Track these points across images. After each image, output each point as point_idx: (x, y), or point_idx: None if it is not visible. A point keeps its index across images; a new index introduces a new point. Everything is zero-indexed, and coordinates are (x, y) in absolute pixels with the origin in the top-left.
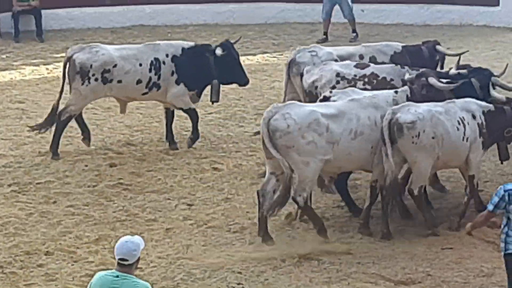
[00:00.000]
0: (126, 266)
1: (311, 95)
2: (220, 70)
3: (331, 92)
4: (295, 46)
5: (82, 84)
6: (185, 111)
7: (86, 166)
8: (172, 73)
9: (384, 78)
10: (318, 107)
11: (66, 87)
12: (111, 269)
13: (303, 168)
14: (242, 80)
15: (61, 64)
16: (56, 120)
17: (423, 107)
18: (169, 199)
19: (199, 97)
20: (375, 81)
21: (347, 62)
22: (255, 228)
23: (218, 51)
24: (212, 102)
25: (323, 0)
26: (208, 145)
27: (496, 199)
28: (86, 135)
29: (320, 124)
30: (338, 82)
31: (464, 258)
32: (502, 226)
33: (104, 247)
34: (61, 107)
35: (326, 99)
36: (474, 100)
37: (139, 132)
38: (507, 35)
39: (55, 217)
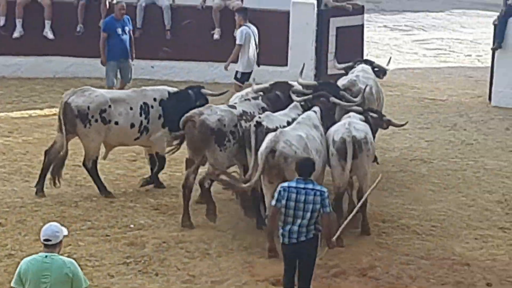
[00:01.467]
0: (50, 246)
1: (220, 132)
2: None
3: (260, 117)
4: None
5: (84, 127)
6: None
7: None
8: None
9: (251, 113)
10: (296, 130)
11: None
12: None
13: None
14: None
15: None
16: (87, 170)
17: (359, 122)
18: None
19: None
20: (249, 117)
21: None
22: None
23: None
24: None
25: (106, 68)
26: None
27: (275, 194)
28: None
29: (308, 147)
30: (240, 120)
31: None
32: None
33: None
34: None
35: (259, 123)
36: None
37: None
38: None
39: None
